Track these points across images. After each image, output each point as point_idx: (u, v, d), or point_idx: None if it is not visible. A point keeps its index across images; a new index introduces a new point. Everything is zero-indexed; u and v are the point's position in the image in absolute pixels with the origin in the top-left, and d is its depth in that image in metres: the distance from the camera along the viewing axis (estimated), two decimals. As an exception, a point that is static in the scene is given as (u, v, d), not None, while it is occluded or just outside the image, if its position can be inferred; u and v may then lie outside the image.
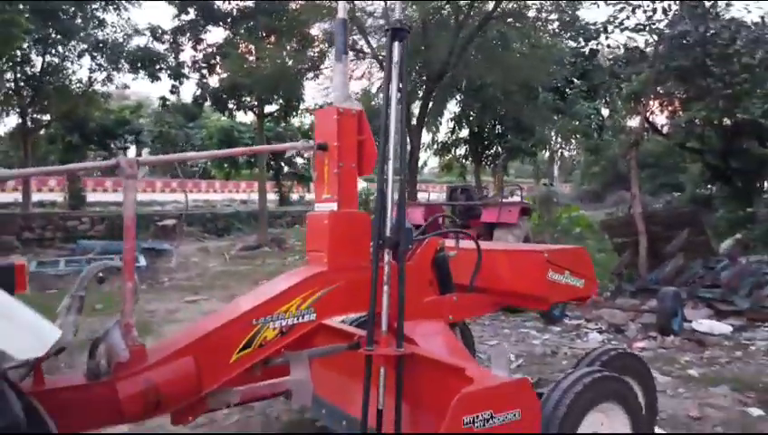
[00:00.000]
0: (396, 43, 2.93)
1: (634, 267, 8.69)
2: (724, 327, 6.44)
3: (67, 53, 18.67)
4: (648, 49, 10.73)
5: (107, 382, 2.34)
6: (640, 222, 8.48)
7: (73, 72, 19.14)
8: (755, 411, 4.23)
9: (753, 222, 14.97)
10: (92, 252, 12.71)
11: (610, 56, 13.43)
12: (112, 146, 25.44)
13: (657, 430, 3.70)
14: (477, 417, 2.20)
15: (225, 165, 32.79)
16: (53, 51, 18.38)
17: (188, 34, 14.70)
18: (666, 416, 4.10)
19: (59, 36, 17.59)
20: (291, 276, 2.99)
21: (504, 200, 9.11)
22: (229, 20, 14.62)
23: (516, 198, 9.59)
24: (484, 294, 3.54)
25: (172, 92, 15.64)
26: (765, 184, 20.50)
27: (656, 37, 9.53)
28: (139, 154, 40.54)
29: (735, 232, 12.50)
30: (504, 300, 3.60)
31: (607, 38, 11.11)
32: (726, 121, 18.28)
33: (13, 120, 20.38)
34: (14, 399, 1.52)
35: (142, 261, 12.25)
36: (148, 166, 3.33)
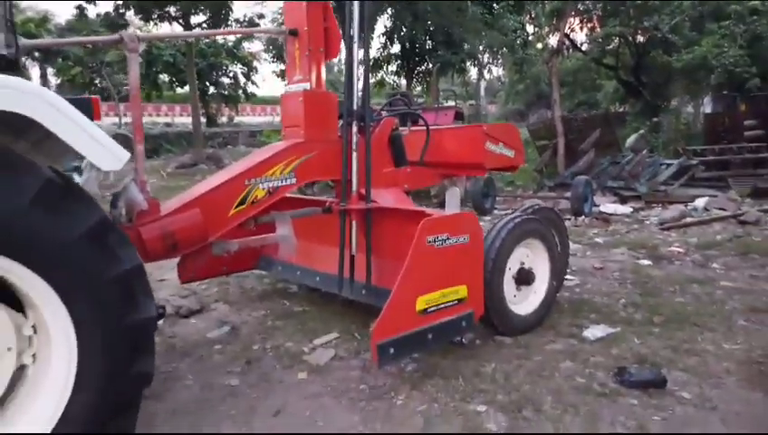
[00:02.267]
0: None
1: (554, 166, 9.70)
2: (626, 209, 7.57)
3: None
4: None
5: (131, 227, 2.78)
6: (560, 124, 9.40)
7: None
8: (645, 262, 5.28)
9: (658, 131, 16.55)
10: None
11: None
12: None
13: (568, 277, 4.61)
14: (437, 237, 2.85)
15: (145, 86, 31.04)
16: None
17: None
18: (576, 268, 5.04)
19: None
20: (273, 147, 3.45)
21: (439, 106, 9.73)
22: None
23: (451, 103, 10.23)
24: (432, 167, 4.17)
25: (89, 1, 14.63)
26: (671, 101, 22.32)
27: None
28: (44, 73, 37.44)
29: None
30: (449, 170, 4.26)
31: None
32: (639, 39, 19.59)
33: None
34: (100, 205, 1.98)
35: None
36: (147, 41, 3.56)
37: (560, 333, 3.57)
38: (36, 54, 26.16)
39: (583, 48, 22.28)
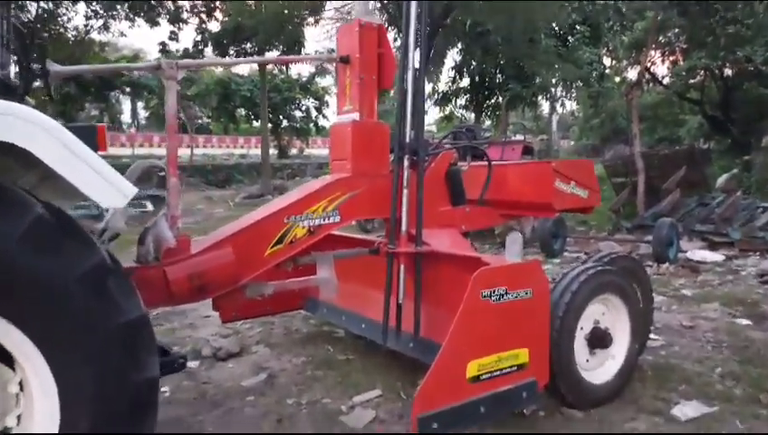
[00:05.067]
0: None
1: (632, 206, 8.93)
2: (716, 256, 6.74)
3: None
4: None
5: (157, 266, 2.57)
6: (639, 160, 8.66)
7: (69, 20, 18.87)
8: (743, 321, 4.54)
9: (749, 170, 15.17)
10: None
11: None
12: (110, 97, 25.24)
13: (652, 336, 4.00)
14: (494, 291, 2.44)
15: (223, 119, 32.62)
16: (47, -4, 18.04)
17: (186, -22, 14.45)
18: (661, 325, 4.40)
19: (53, -18, 17.26)
20: (317, 182, 3.19)
21: (507, 139, 9.24)
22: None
23: (520, 137, 9.71)
24: (493, 207, 3.77)
25: (171, 39, 15.48)
26: (763, 138, 20.64)
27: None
28: (134, 106, 40.10)
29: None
30: (513, 211, 3.83)
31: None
32: (727, 72, 18.32)
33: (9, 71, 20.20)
34: (101, 247, 1.74)
35: (149, 206, 12.50)
36: (186, 68, 3.42)
37: (642, 409, 3.01)
38: (127, 89, 28.02)
39: (664, 81, 21.14)
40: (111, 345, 1.70)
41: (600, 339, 3.01)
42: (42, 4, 17.82)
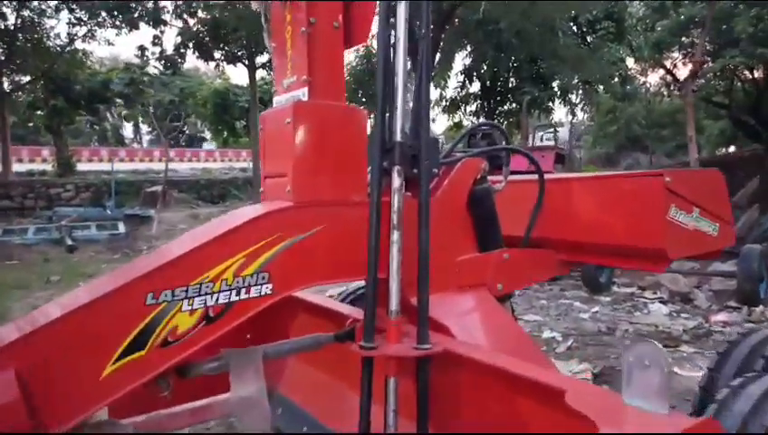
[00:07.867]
0: None
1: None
2: (820, 294, 5.16)
3: (43, 7, 17.39)
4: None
5: None
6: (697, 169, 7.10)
7: (51, 28, 17.85)
8: None
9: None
10: (68, 219, 11.56)
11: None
12: (101, 109, 24.14)
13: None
14: None
15: (223, 130, 31.46)
16: (28, 4, 17.10)
17: (168, -23, 13.21)
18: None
19: (33, -11, 16.26)
20: (232, 217, 1.71)
21: (534, 145, 7.70)
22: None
23: (549, 143, 8.09)
24: (549, 250, 2.27)
25: (154, 43, 14.20)
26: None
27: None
28: (136, 121, 39.07)
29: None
30: (585, 258, 2.32)
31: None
32: (758, 74, 16.86)
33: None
34: None
35: (121, 228, 11.15)
36: None
37: None
38: (118, 101, 26.89)
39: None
40: None
41: None
42: (23, 12, 16.87)
